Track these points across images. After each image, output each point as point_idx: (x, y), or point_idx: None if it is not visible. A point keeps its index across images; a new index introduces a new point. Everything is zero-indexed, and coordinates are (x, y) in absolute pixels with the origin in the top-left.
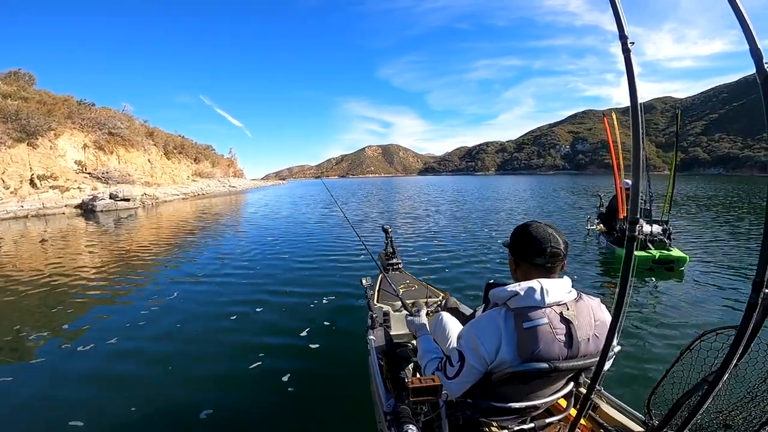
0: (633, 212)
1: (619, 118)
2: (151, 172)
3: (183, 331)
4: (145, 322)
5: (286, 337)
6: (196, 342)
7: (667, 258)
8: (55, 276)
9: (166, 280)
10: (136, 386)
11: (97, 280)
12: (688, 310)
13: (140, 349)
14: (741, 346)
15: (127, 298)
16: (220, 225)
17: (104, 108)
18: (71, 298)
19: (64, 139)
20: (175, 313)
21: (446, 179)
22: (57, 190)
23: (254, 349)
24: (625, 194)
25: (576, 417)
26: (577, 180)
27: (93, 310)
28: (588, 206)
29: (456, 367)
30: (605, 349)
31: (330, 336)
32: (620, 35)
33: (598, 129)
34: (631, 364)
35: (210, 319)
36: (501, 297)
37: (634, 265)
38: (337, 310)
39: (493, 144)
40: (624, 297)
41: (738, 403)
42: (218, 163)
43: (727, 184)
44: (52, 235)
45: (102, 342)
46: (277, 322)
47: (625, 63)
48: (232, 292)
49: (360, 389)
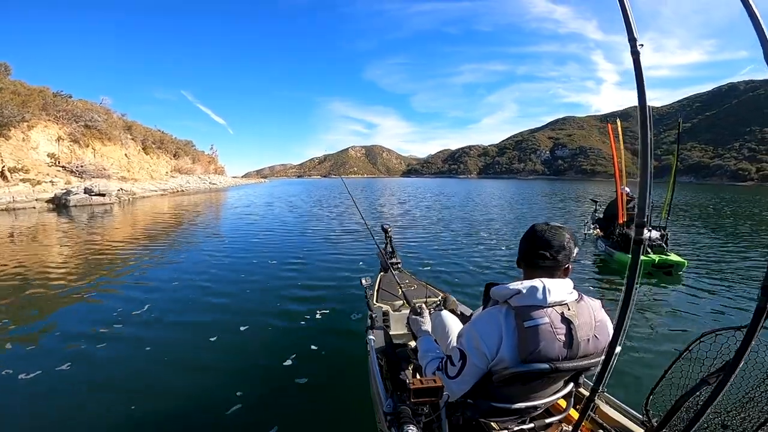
0: (640, 216)
1: (597, 125)
2: (128, 166)
3: (159, 335)
4: (120, 326)
5: (283, 338)
6: (182, 338)
7: (666, 262)
8: (21, 273)
9: (137, 284)
10: (106, 397)
11: (62, 280)
12: (686, 313)
13: (105, 355)
14: (749, 347)
15: (93, 308)
16: (201, 223)
17: (81, 100)
18: (35, 296)
19: (37, 131)
20: (150, 322)
21: (429, 181)
22: (28, 183)
23: (250, 350)
24: (625, 200)
25: (579, 418)
26: (557, 185)
27: (52, 314)
28: (577, 211)
29: (457, 366)
30: (610, 351)
31: (329, 336)
32: (629, 38)
33: (578, 135)
34: (630, 365)
35: (192, 323)
36: (503, 295)
37: (640, 267)
38: (336, 310)
39: (475, 148)
40: (630, 299)
41: (736, 404)
42: (199, 160)
43: (699, 193)
44: (20, 231)
45: None
46: (274, 323)
47: (634, 65)
48: (219, 293)
49: (360, 389)
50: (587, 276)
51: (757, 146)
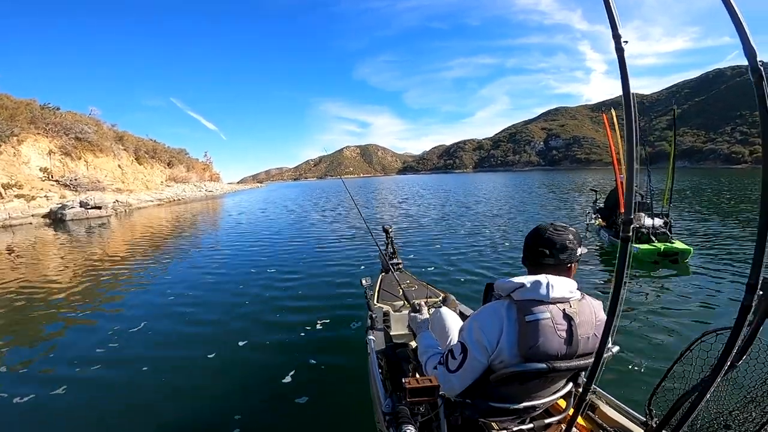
0: (627, 212)
1: (588, 114)
2: (122, 177)
3: (161, 341)
4: (116, 345)
5: (283, 339)
6: (181, 339)
7: (672, 250)
8: (16, 291)
9: (134, 300)
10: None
11: (58, 298)
12: (694, 303)
13: (101, 377)
14: (735, 347)
15: (94, 317)
16: (198, 233)
17: (69, 112)
18: (32, 315)
19: (27, 145)
20: (150, 333)
21: (426, 178)
22: (23, 199)
23: (250, 351)
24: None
25: (572, 417)
26: (553, 176)
27: (47, 335)
28: (574, 201)
29: (458, 360)
30: (600, 349)
31: (329, 336)
32: (613, 34)
33: (570, 125)
34: (634, 364)
35: (190, 340)
36: (506, 288)
37: (629, 264)
38: (336, 310)
39: (470, 142)
40: (619, 295)
41: (738, 405)
42: (193, 167)
43: (693, 177)
44: (19, 247)
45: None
46: (273, 325)
47: (619, 62)
48: (217, 307)
49: (359, 389)
50: (592, 268)
51: (749, 129)
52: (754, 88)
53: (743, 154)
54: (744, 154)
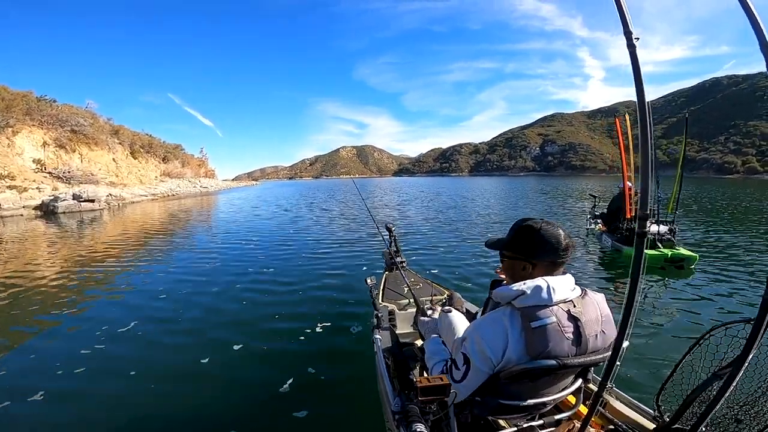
0: (643, 207)
1: (585, 121)
2: (116, 171)
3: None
4: (102, 347)
5: (289, 338)
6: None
7: (679, 257)
8: (2, 285)
9: (123, 299)
10: None
11: (43, 295)
12: (699, 306)
13: (84, 382)
14: (758, 339)
15: (80, 316)
16: (192, 230)
17: (66, 105)
18: (12, 313)
19: (22, 137)
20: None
21: (422, 180)
22: (15, 191)
23: (245, 371)
24: (633, 194)
25: (588, 414)
26: (548, 182)
27: (28, 335)
28: (574, 207)
29: (462, 371)
30: (617, 346)
31: (335, 336)
32: (625, 31)
33: (566, 131)
34: (641, 360)
35: (182, 343)
36: (506, 297)
37: (644, 261)
38: (341, 309)
39: (466, 146)
40: (635, 293)
41: (749, 398)
42: (188, 163)
43: (688, 186)
44: (9, 238)
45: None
46: (278, 323)
47: (631, 59)
48: (211, 307)
49: (367, 388)
50: (595, 273)
51: (742, 140)
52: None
53: (736, 164)
54: (737, 164)
